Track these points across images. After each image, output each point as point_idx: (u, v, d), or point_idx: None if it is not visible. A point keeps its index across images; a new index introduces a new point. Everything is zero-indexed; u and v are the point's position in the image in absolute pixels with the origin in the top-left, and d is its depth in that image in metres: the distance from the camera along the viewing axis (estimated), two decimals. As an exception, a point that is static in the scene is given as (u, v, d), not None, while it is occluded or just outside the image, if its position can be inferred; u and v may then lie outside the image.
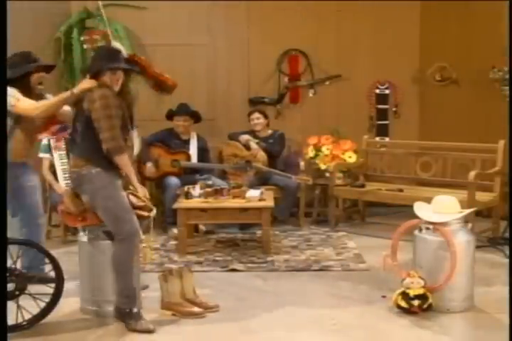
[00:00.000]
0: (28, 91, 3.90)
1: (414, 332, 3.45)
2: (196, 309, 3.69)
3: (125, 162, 3.51)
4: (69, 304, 3.76)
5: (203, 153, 6.11)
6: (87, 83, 3.57)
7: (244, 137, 6.12)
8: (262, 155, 6.00)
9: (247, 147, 6.09)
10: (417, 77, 6.70)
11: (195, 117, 6.07)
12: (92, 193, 3.53)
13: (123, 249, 3.49)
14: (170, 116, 6.08)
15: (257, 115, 6.22)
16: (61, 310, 3.68)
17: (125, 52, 3.84)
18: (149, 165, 5.83)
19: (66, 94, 3.67)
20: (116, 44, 3.97)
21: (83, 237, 3.69)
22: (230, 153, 6.16)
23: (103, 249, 3.62)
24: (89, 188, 3.53)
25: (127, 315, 3.51)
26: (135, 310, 3.51)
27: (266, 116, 6.26)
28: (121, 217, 3.48)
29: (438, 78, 6.49)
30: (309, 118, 6.71)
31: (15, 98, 3.79)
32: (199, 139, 6.14)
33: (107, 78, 3.55)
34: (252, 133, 6.22)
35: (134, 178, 3.60)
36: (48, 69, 4.13)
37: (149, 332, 3.44)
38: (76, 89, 3.59)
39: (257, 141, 6.11)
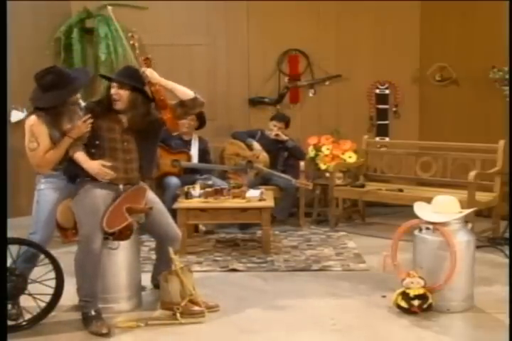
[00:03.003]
0: (60, 117, 3.65)
1: (414, 332, 3.45)
2: (196, 309, 3.69)
3: (78, 158, 3.63)
4: (69, 304, 3.76)
5: (203, 154, 6.10)
6: (83, 127, 3.63)
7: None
8: (264, 156, 5.99)
9: (250, 147, 6.09)
10: (417, 77, 6.70)
11: (201, 119, 6.00)
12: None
13: (79, 250, 3.55)
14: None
15: (280, 125, 6.21)
16: (61, 310, 3.70)
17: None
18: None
19: (65, 142, 3.61)
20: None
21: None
22: (233, 152, 6.15)
23: (103, 249, 3.61)
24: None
25: (84, 315, 3.54)
26: (92, 312, 3.52)
27: (286, 127, 6.28)
28: (81, 220, 3.58)
29: (438, 78, 6.48)
30: (309, 118, 6.71)
31: (35, 141, 3.57)
32: (200, 140, 6.12)
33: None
34: (261, 134, 6.22)
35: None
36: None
37: (101, 335, 3.42)
38: (74, 134, 3.62)
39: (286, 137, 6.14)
